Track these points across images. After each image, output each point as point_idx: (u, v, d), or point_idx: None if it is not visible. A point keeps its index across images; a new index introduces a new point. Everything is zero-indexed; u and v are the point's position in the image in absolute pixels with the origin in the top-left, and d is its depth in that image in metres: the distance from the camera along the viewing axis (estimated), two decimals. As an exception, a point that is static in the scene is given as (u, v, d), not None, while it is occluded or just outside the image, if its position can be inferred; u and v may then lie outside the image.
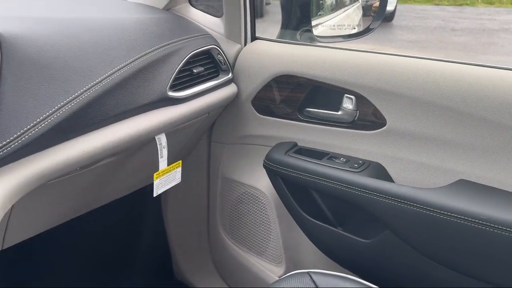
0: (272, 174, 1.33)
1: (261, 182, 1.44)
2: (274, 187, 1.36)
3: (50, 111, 0.85)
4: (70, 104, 0.88)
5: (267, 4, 7.71)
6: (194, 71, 1.23)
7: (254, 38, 1.45)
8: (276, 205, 1.43)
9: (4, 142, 0.78)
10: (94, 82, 0.92)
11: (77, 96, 0.89)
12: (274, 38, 1.46)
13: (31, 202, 0.98)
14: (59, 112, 0.86)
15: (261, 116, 1.40)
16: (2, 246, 0.97)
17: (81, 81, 0.90)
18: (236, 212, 1.56)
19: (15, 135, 0.80)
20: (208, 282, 1.74)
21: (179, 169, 1.29)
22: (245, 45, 1.43)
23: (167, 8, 1.41)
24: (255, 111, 1.41)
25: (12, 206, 0.87)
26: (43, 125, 0.83)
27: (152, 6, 1.36)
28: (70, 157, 0.92)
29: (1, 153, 0.78)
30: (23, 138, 0.81)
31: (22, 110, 0.81)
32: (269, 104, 1.39)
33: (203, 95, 1.27)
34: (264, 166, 1.34)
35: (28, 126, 0.82)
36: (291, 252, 1.45)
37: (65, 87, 0.88)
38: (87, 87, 0.91)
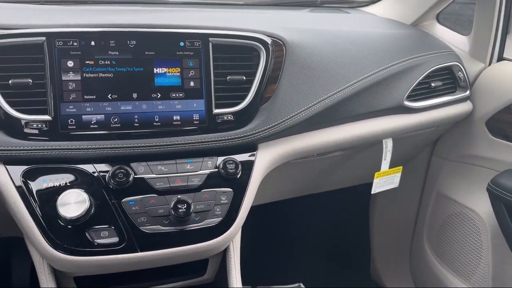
0: (496, 200, 1.29)
1: (480, 206, 1.40)
2: (494, 214, 1.31)
3: (310, 104, 1.05)
4: (325, 101, 1.07)
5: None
6: (432, 84, 1.29)
7: (501, 58, 1.41)
8: (492, 232, 1.37)
9: (275, 123, 1.02)
10: (347, 85, 1.10)
11: (332, 95, 1.08)
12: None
13: (275, 174, 1.23)
14: (316, 106, 1.06)
15: (494, 138, 1.36)
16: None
17: (337, 83, 1.09)
18: (445, 230, 1.55)
19: (283, 119, 1.03)
20: (403, 290, 1.77)
21: (399, 174, 1.38)
22: (489, 64, 1.41)
23: (415, 24, 1.50)
24: (488, 132, 1.38)
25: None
26: (303, 114, 1.05)
27: (401, 22, 1.47)
28: (312, 144, 1.12)
29: (272, 130, 1.02)
30: (288, 122, 1.03)
31: (291, 100, 1.04)
32: (506, 128, 1.34)
33: (436, 108, 1.32)
34: (488, 190, 1.30)
35: (293, 114, 1.04)
36: (499, 285, 1.37)
37: (324, 86, 1.07)
38: (340, 88, 1.09)
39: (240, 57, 1.00)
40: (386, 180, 1.36)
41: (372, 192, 1.34)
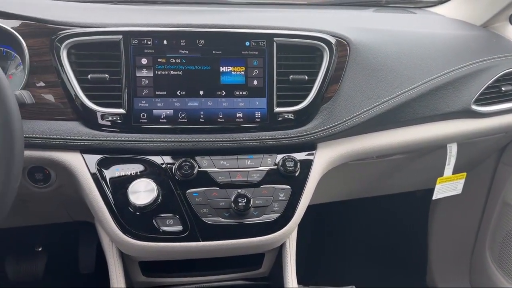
0: None
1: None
2: None
3: (372, 105, 1.05)
4: (388, 102, 1.06)
5: None
6: (503, 89, 1.23)
7: None
8: None
9: (335, 123, 1.03)
10: (412, 86, 1.08)
11: (396, 96, 1.06)
12: None
13: (333, 174, 1.23)
14: (378, 107, 1.05)
15: None
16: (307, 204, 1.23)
17: (402, 84, 1.07)
18: (510, 241, 1.47)
19: (343, 120, 1.03)
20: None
21: (462, 181, 1.33)
22: None
23: (485, 26, 1.43)
24: (562, 140, 1.30)
25: None
26: (364, 115, 1.04)
27: (470, 23, 1.41)
28: (372, 146, 1.11)
29: (332, 130, 1.02)
30: (348, 123, 1.03)
31: (353, 101, 1.04)
32: None
33: (506, 113, 1.26)
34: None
35: (354, 114, 1.04)
36: None
37: (388, 87, 1.06)
38: (405, 89, 1.07)
39: (303, 56, 1.02)
40: (448, 186, 1.32)
41: (434, 198, 1.31)
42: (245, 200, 0.93)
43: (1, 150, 0.69)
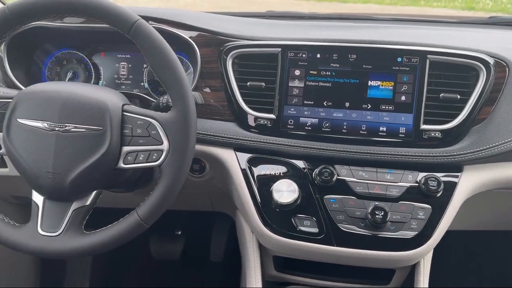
0: None
1: None
2: None
3: None
4: None
5: None
6: None
7: None
8: None
9: (486, 147, 0.98)
10: None
11: None
12: None
13: (478, 200, 1.16)
14: None
15: None
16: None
17: None
18: None
19: (496, 144, 0.98)
20: None
21: None
22: None
23: None
24: None
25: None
26: None
27: None
28: None
29: (482, 153, 0.98)
30: (501, 147, 0.98)
31: (508, 125, 0.98)
32: None
33: None
34: None
35: (508, 139, 0.98)
36: None
37: None
38: None
39: (457, 75, 1.00)
40: None
41: None
42: (382, 213, 0.94)
43: (181, 140, 0.82)
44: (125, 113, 0.85)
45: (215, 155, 1.06)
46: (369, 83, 1.01)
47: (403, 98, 1.00)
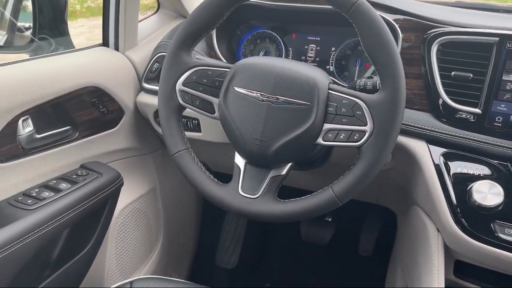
0: None
1: None
2: None
3: None
4: None
5: None
6: None
7: None
8: None
9: None
10: None
11: None
12: None
13: None
14: None
15: None
16: None
17: None
18: None
19: None
20: None
21: None
22: None
23: None
24: None
25: None
26: None
27: None
28: None
29: None
30: None
31: None
32: None
33: None
34: None
35: None
36: None
37: None
38: None
39: None
40: None
41: None
42: None
43: (387, 123, 0.81)
44: (330, 91, 0.86)
45: (405, 145, 1.02)
46: None
47: None
